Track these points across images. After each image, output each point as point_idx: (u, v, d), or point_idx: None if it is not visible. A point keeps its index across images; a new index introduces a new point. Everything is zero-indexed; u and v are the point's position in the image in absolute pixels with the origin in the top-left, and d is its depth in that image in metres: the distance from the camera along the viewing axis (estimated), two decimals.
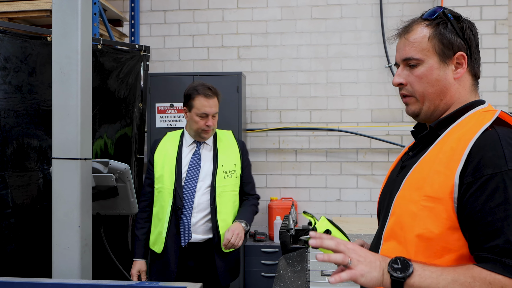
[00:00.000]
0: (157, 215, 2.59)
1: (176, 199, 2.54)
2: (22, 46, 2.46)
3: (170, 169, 2.58)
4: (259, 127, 4.63)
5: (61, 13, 1.85)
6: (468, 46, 1.23)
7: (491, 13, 4.15)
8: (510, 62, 4.30)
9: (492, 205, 1.06)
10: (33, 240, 2.50)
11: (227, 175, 2.62)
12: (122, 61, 2.96)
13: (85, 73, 1.88)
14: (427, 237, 1.14)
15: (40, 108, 2.53)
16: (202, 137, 2.61)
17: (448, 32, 1.23)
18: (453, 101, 1.25)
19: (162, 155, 2.62)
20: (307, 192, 4.61)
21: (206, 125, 2.55)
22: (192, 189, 2.57)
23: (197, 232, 2.56)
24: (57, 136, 1.86)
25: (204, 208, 2.57)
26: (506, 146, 1.08)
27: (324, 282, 2.07)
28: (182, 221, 2.55)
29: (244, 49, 4.67)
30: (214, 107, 2.58)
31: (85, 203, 1.88)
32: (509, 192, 1.05)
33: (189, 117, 2.59)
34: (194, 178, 2.59)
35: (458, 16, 1.26)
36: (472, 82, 1.26)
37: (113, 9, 3.91)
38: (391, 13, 4.49)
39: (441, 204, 1.13)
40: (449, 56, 1.24)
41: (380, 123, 4.53)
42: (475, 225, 1.08)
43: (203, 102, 2.54)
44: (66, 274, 1.83)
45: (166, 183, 2.56)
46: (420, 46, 1.26)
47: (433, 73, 1.25)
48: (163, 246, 2.54)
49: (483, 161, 1.09)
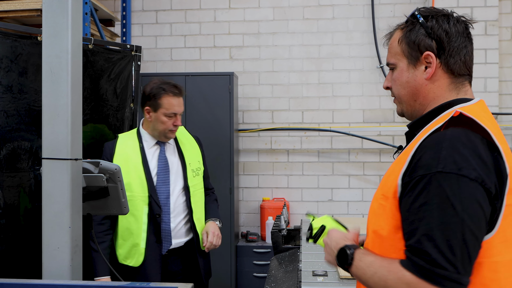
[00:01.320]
0: (127, 226, 2.41)
1: (153, 206, 2.39)
2: (13, 45, 2.45)
3: (138, 174, 2.42)
4: (251, 128, 4.64)
5: (51, 13, 1.84)
6: (439, 44, 1.21)
7: (481, 14, 4.18)
8: (501, 63, 4.34)
9: (417, 205, 1.07)
10: (24, 241, 2.49)
11: (195, 173, 2.54)
12: (113, 61, 2.95)
13: (76, 73, 1.87)
14: (380, 234, 1.19)
15: (31, 108, 2.51)
16: (168, 137, 2.48)
17: (415, 33, 1.24)
18: (428, 101, 1.25)
19: (124, 161, 2.42)
20: (299, 193, 4.62)
21: (174, 125, 2.43)
22: (167, 193, 2.45)
23: (177, 237, 2.47)
24: (47, 136, 1.84)
25: (181, 211, 2.49)
26: (446, 148, 1.06)
27: (315, 282, 2.08)
28: (162, 228, 2.42)
29: (236, 49, 4.67)
30: (182, 106, 2.47)
31: (76, 203, 1.87)
32: (431, 193, 1.05)
33: (153, 117, 2.44)
34: (166, 181, 2.46)
35: (429, 15, 1.24)
36: (449, 80, 1.23)
37: (104, 9, 3.90)
38: (383, 14, 4.51)
39: (389, 203, 1.16)
40: (416, 58, 1.24)
41: (372, 124, 4.55)
42: (403, 223, 1.12)
43: (171, 101, 2.40)
44: (57, 275, 1.81)
45: (136, 191, 2.39)
46: (394, 51, 1.31)
47: (403, 76, 1.28)
48: (142, 258, 2.39)
49: (420, 162, 1.09)
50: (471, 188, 1.03)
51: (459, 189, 1.03)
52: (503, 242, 1.09)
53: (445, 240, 1.01)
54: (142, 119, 2.60)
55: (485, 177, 1.04)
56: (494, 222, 1.08)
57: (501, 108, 4.35)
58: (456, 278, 1.01)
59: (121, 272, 2.40)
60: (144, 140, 2.51)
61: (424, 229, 1.04)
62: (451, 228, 1.02)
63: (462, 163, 1.04)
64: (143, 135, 2.52)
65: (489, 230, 1.08)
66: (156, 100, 2.42)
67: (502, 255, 1.09)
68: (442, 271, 1.01)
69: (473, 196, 1.03)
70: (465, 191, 1.03)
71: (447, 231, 1.02)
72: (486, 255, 1.07)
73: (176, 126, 2.45)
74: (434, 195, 1.04)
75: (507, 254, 1.09)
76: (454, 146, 1.06)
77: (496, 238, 1.08)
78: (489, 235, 1.08)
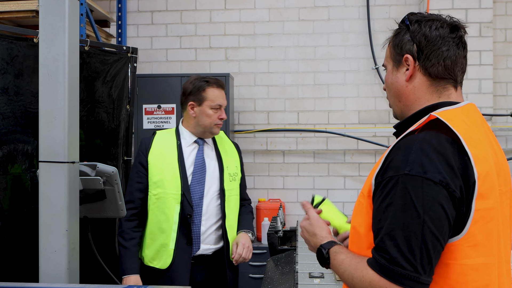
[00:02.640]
0: (157, 225, 2.31)
1: (185, 206, 2.29)
2: (8, 47, 2.44)
3: (172, 171, 2.32)
4: (247, 129, 4.64)
5: (48, 15, 1.83)
6: (419, 48, 1.24)
7: (476, 16, 4.20)
8: (495, 65, 4.36)
9: (383, 205, 1.11)
10: (20, 244, 2.48)
11: (232, 178, 2.44)
12: (109, 62, 2.94)
13: (73, 76, 1.87)
14: (358, 230, 1.23)
15: (27, 111, 2.50)
16: (213, 132, 2.39)
17: (400, 37, 1.28)
18: (410, 102, 1.28)
19: (159, 156, 2.36)
20: (295, 193, 4.63)
21: (219, 118, 2.35)
22: (200, 194, 2.34)
23: (206, 242, 2.36)
24: (44, 139, 1.84)
25: (213, 215, 2.37)
26: (416, 151, 1.09)
27: (312, 284, 2.08)
28: (192, 230, 2.31)
29: (232, 51, 4.68)
30: (225, 99, 2.41)
31: (73, 206, 1.87)
32: (396, 195, 1.09)
33: (198, 112, 2.36)
34: (201, 181, 2.36)
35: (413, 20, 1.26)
36: (429, 83, 1.25)
37: (100, 10, 3.89)
38: (378, 15, 4.53)
39: (365, 201, 1.21)
40: (399, 60, 1.28)
41: (367, 125, 4.56)
42: (372, 222, 1.16)
43: (216, 93, 2.34)
44: (54, 279, 1.81)
45: (169, 188, 2.30)
46: (386, 54, 1.36)
47: (389, 78, 1.33)
48: (170, 260, 2.28)
49: (391, 163, 1.13)
50: (434, 191, 1.06)
51: (423, 192, 1.06)
52: (473, 246, 1.11)
53: (405, 240, 1.06)
54: (181, 118, 2.52)
55: (449, 181, 1.07)
56: (462, 225, 1.10)
57: (495, 109, 4.37)
58: (414, 277, 1.05)
59: (146, 275, 2.32)
60: (183, 138, 2.42)
61: (387, 229, 1.09)
62: (411, 229, 1.06)
63: (429, 166, 1.07)
64: (182, 132, 2.43)
65: (457, 232, 1.10)
66: (200, 93, 2.35)
67: (470, 258, 1.11)
68: (400, 269, 1.05)
69: (436, 199, 1.06)
70: (428, 194, 1.06)
71: (407, 232, 1.06)
72: (454, 257, 1.10)
73: (222, 120, 2.37)
74: (399, 197, 1.08)
75: (476, 257, 1.11)
76: (423, 149, 1.09)
77: (465, 242, 1.10)
78: (456, 237, 1.10)
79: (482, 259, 1.12)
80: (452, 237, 1.10)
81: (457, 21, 1.28)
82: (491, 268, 1.14)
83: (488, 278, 1.13)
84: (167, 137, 2.44)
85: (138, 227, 2.36)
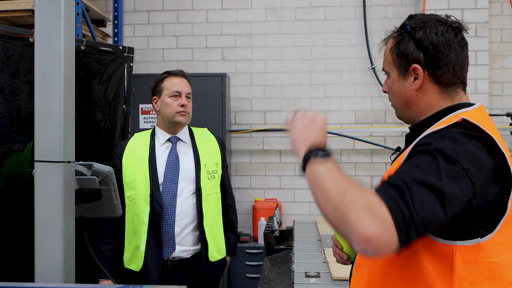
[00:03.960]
0: (132, 227, 2.28)
1: (154, 206, 2.25)
2: (4, 47, 2.43)
3: (143, 172, 2.29)
4: (243, 128, 4.64)
5: (43, 15, 1.83)
6: (427, 56, 1.22)
7: (472, 16, 4.22)
8: (491, 65, 4.38)
9: (408, 163, 1.08)
10: (16, 243, 2.47)
11: (211, 175, 2.36)
12: (105, 62, 2.94)
13: (68, 76, 1.87)
14: None
15: (23, 110, 2.50)
16: (178, 122, 2.33)
17: (404, 45, 1.24)
18: (422, 109, 1.26)
19: (132, 158, 2.33)
20: (291, 193, 4.63)
21: (180, 105, 2.30)
22: (173, 193, 2.29)
23: (182, 243, 2.30)
24: (40, 139, 1.84)
25: (189, 215, 2.31)
26: (449, 139, 1.08)
27: (308, 283, 2.09)
28: (163, 231, 2.26)
29: (228, 50, 4.68)
30: (186, 87, 2.35)
31: (68, 206, 1.87)
32: (425, 160, 1.05)
33: (160, 104, 2.34)
34: (173, 181, 2.31)
35: (417, 26, 1.24)
36: (440, 90, 1.24)
37: (96, 9, 3.88)
38: (374, 15, 4.53)
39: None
40: (405, 69, 1.25)
41: (364, 124, 4.57)
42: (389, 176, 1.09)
43: (174, 81, 2.32)
44: (49, 278, 1.81)
45: (139, 189, 2.27)
46: (387, 59, 1.31)
47: (395, 86, 1.29)
48: (142, 262, 2.24)
49: (420, 142, 1.11)
50: (459, 174, 1.05)
51: (449, 169, 1.04)
52: (502, 243, 1.11)
53: (420, 196, 1.00)
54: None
55: (474, 172, 1.06)
56: (494, 223, 1.10)
57: (491, 109, 4.39)
58: (408, 226, 0.97)
59: (126, 277, 2.31)
60: (157, 138, 2.39)
61: (406, 178, 1.03)
62: (429, 191, 1.02)
63: (460, 153, 1.06)
64: (157, 132, 2.41)
65: (489, 230, 1.10)
66: (159, 85, 2.36)
67: (500, 255, 1.11)
68: (406, 211, 0.98)
69: (458, 180, 1.04)
70: (454, 172, 1.04)
71: (425, 190, 1.01)
72: (484, 255, 1.10)
73: (184, 107, 2.31)
74: (427, 163, 1.05)
75: (504, 255, 1.12)
76: (456, 139, 1.08)
77: (496, 239, 1.10)
78: (489, 235, 1.10)
79: (509, 257, 1.12)
80: (483, 236, 1.10)
81: (458, 23, 1.26)
82: None
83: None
84: (141, 138, 2.42)
85: (115, 231, 2.35)
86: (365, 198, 0.99)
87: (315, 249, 2.72)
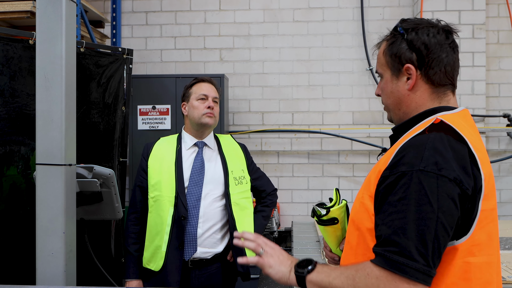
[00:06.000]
0: (154, 228, 2.31)
1: (179, 207, 2.28)
2: (4, 49, 2.43)
3: (169, 174, 2.33)
4: (241, 129, 4.65)
5: (45, 18, 1.83)
6: (419, 56, 1.25)
7: (469, 17, 4.24)
8: (488, 66, 4.40)
9: (395, 198, 1.11)
10: (16, 246, 2.48)
11: (238, 181, 2.42)
12: (104, 64, 2.94)
13: (70, 79, 1.87)
14: (362, 232, 1.22)
15: (23, 112, 2.50)
16: (205, 124, 2.37)
17: (397, 46, 1.29)
18: (410, 109, 1.30)
19: (158, 160, 2.37)
20: (289, 194, 4.65)
21: (207, 107, 2.36)
22: (197, 196, 2.32)
23: (203, 245, 2.31)
24: (41, 142, 1.84)
25: (212, 217, 2.34)
26: (429, 149, 1.11)
27: None
28: (187, 232, 2.28)
29: (226, 51, 4.68)
30: (214, 92, 2.42)
31: (70, 209, 1.87)
32: (410, 189, 1.09)
33: (188, 108, 2.41)
34: (198, 184, 2.34)
35: (409, 28, 1.27)
36: (431, 90, 1.27)
37: (94, 11, 3.88)
38: (372, 17, 4.55)
39: (371, 201, 1.20)
40: (398, 69, 1.29)
41: (361, 125, 4.59)
42: (379, 215, 1.14)
43: (201, 86, 2.41)
44: (51, 281, 1.81)
45: (165, 191, 2.30)
46: (380, 61, 1.36)
47: (388, 86, 1.33)
48: (162, 262, 2.25)
49: (403, 159, 1.13)
50: (449, 188, 1.08)
51: (438, 188, 1.08)
52: (477, 245, 1.14)
53: (418, 234, 1.06)
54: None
55: (463, 178, 1.10)
56: (468, 225, 1.13)
57: (488, 110, 4.41)
58: (427, 270, 1.05)
59: (145, 276, 2.33)
60: (184, 142, 2.44)
61: (400, 222, 1.08)
62: (425, 223, 1.06)
63: (443, 164, 1.09)
64: (184, 136, 2.46)
65: (464, 233, 1.13)
66: (188, 91, 2.44)
67: (475, 256, 1.14)
68: (414, 263, 1.05)
69: (450, 196, 1.08)
70: (443, 190, 1.08)
71: (421, 226, 1.06)
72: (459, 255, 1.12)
73: (211, 109, 2.37)
74: (413, 191, 1.09)
75: (479, 256, 1.14)
76: (436, 148, 1.11)
77: (470, 241, 1.13)
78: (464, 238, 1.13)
79: (485, 258, 1.15)
80: (459, 237, 1.12)
81: (449, 26, 1.30)
82: (492, 266, 1.17)
83: (490, 276, 1.16)
84: (169, 142, 2.47)
85: (141, 231, 2.36)
86: (373, 278, 1.09)
87: (314, 250, 2.73)
